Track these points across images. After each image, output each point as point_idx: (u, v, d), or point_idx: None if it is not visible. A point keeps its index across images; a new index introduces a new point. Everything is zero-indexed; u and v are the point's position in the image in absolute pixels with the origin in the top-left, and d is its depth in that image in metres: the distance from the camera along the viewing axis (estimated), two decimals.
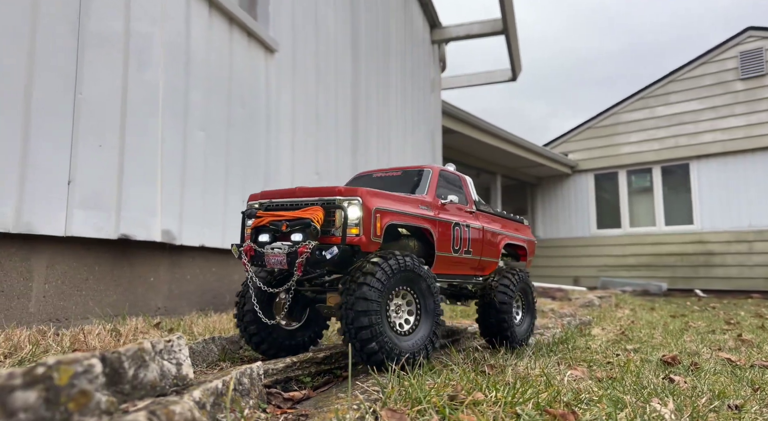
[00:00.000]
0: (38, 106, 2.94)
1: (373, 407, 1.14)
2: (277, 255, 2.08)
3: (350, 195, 2.09)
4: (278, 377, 1.76)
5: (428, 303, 2.16)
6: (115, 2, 3.45)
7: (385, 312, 1.95)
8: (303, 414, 1.19)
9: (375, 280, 1.92)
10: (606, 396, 1.41)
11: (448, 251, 2.56)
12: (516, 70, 10.80)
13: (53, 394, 0.76)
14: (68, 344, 2.08)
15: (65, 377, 0.79)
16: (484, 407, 1.21)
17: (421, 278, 2.13)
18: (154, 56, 3.73)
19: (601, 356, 2.59)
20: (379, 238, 2.10)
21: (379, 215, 2.10)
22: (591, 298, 6.46)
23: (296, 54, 5.58)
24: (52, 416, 0.75)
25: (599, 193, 13.26)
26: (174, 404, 0.83)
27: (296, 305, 2.55)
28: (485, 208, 3.12)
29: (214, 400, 0.98)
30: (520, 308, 3.11)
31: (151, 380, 0.95)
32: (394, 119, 8.29)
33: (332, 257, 1.95)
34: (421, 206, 2.46)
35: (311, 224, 2.05)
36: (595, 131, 13.22)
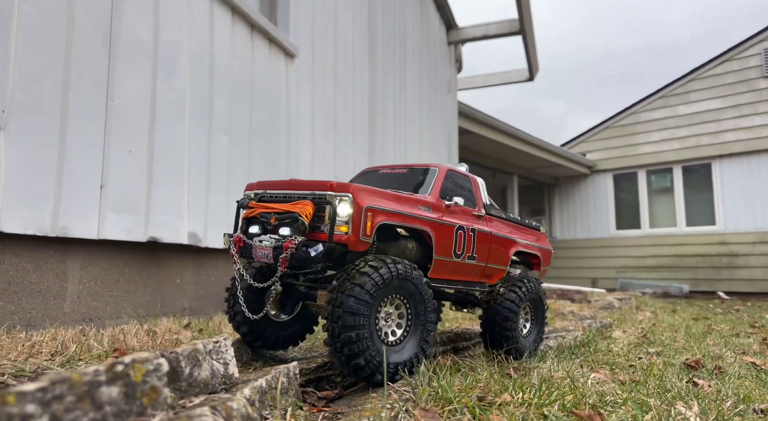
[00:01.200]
0: (73, 114, 3.07)
1: (406, 406, 1.19)
2: (263, 248, 2.02)
3: (341, 191, 2.00)
4: (311, 376, 1.83)
5: (419, 313, 2.08)
6: (145, 12, 3.56)
7: (374, 323, 1.88)
8: (339, 412, 1.25)
9: (364, 292, 1.82)
10: (631, 399, 1.44)
11: (448, 256, 2.45)
12: (533, 70, 10.75)
13: (131, 389, 0.84)
14: (108, 343, 2.18)
15: (139, 374, 0.86)
16: (511, 408, 1.25)
17: (414, 286, 2.04)
18: (181, 63, 3.84)
19: (624, 359, 2.60)
20: (368, 237, 2.00)
21: (371, 213, 2.01)
22: (611, 300, 6.41)
23: (315, 59, 5.66)
24: (130, 409, 0.82)
25: (618, 193, 13.09)
26: (230, 401, 0.89)
27: (288, 298, 2.48)
28: (497, 212, 3.01)
29: (259, 397, 1.04)
30: (529, 319, 2.98)
31: (204, 378, 1.01)
32: (411, 121, 8.33)
33: (317, 255, 1.87)
34: (421, 207, 2.35)
35: (299, 218, 1.99)
36: (613, 131, 13.06)
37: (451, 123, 9.99)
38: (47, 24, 2.93)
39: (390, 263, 1.95)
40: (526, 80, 11.08)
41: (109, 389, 0.80)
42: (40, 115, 2.89)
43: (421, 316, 2.07)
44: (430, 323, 2.10)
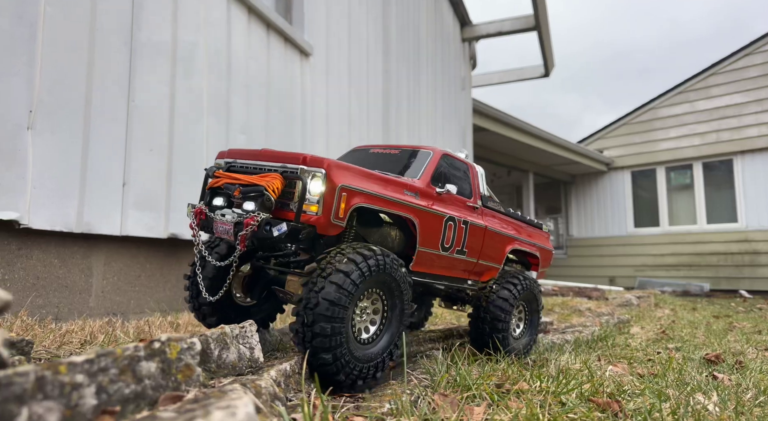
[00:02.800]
0: (96, 113, 3.15)
1: (425, 392, 1.21)
2: (224, 223, 1.84)
3: (315, 166, 1.81)
4: None
5: (396, 310, 1.91)
6: (164, 13, 3.64)
7: (350, 319, 1.70)
8: (360, 397, 1.28)
9: (349, 282, 1.64)
10: (649, 388, 1.44)
11: (434, 248, 2.25)
12: (548, 66, 10.65)
13: (167, 365, 0.88)
14: (133, 334, 2.25)
15: (174, 352, 0.91)
16: (529, 396, 1.26)
17: (396, 284, 1.88)
18: (199, 63, 3.91)
19: (642, 354, 2.58)
20: (341, 221, 1.81)
21: (346, 194, 1.81)
22: (629, 297, 6.33)
23: (330, 57, 5.70)
24: (166, 384, 0.87)
25: (636, 190, 12.90)
26: (259, 380, 0.93)
27: (257, 282, 2.29)
28: (495, 206, 2.80)
29: (284, 380, 1.08)
30: (523, 319, 2.75)
31: (231, 360, 1.05)
32: (425, 118, 8.33)
33: (280, 235, 1.70)
34: (407, 192, 2.15)
35: (265, 192, 1.81)
36: (631, 127, 12.87)
37: (465, 120, 9.96)
38: (71, 26, 3.01)
39: (380, 254, 1.79)
40: (541, 76, 10.99)
41: (148, 364, 0.85)
42: (65, 115, 2.98)
43: (396, 315, 1.91)
44: (404, 325, 1.94)
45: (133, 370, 0.81)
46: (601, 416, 1.15)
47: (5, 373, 0.61)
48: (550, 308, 5.10)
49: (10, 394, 0.60)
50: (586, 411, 1.15)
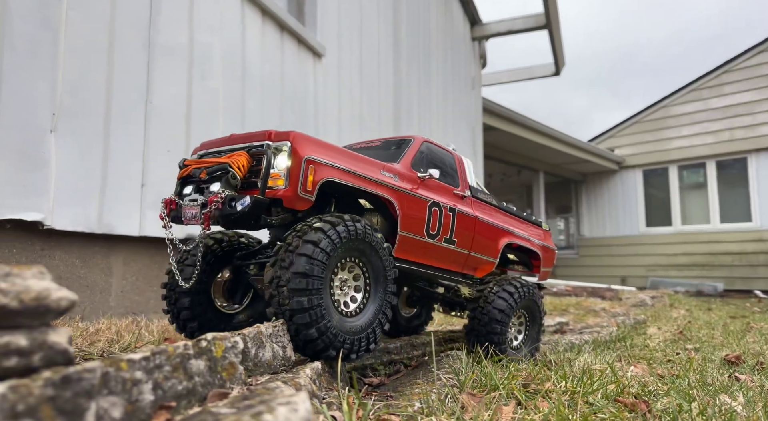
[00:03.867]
0: (115, 116, 3.20)
1: (452, 391, 1.23)
2: (192, 208, 1.79)
3: (280, 140, 1.77)
4: (356, 364, 1.88)
5: (379, 279, 1.82)
6: (180, 15, 3.68)
7: (329, 290, 1.62)
8: (388, 395, 1.30)
9: (318, 250, 1.56)
10: (674, 388, 1.44)
11: (419, 234, 2.15)
12: (559, 64, 10.60)
13: (213, 363, 0.91)
14: (157, 332, 2.29)
15: (219, 350, 0.93)
16: (554, 396, 1.27)
17: (372, 248, 1.78)
18: (214, 65, 3.95)
19: (661, 354, 2.57)
20: (310, 194, 1.75)
21: (313, 166, 1.75)
22: (643, 298, 6.29)
23: (342, 57, 5.73)
24: (213, 381, 0.89)
25: (648, 189, 12.79)
26: (297, 378, 0.95)
27: (237, 286, 2.20)
28: (486, 198, 2.69)
29: (317, 378, 1.10)
30: (523, 330, 2.59)
31: (267, 359, 1.08)
32: (435, 117, 8.33)
33: (244, 209, 1.65)
34: (385, 172, 2.07)
35: (229, 170, 1.76)
36: (643, 125, 12.75)
37: (475, 119, 9.94)
38: (92, 30, 3.06)
39: (348, 219, 1.71)
40: (552, 75, 10.93)
41: (197, 362, 0.87)
42: (86, 117, 3.03)
43: (380, 285, 1.82)
44: (390, 293, 1.85)
45: (185, 367, 0.84)
46: (630, 417, 1.16)
47: (75, 369, 0.64)
48: (564, 308, 5.08)
49: (80, 389, 0.63)
50: (615, 411, 1.15)
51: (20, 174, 2.69)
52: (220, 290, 2.15)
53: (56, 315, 0.65)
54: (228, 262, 2.17)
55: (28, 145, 2.73)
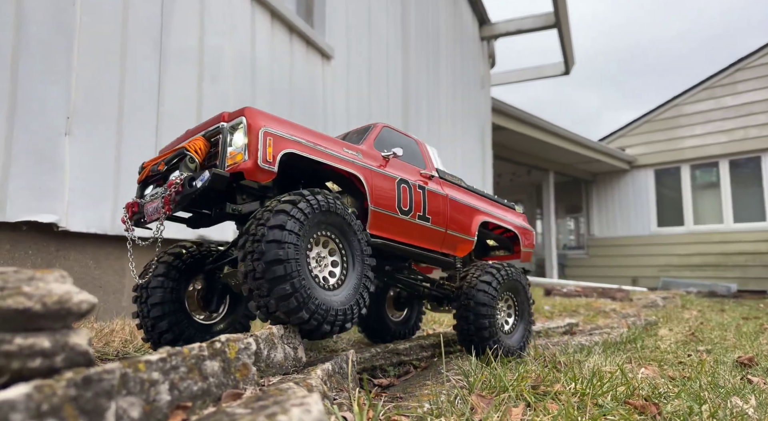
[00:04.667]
0: (128, 119, 3.25)
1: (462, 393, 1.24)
2: (153, 202, 1.75)
3: (235, 117, 1.77)
4: (365, 365, 1.90)
5: (354, 250, 1.79)
6: (191, 19, 3.73)
7: (306, 268, 1.58)
8: (398, 397, 1.31)
9: (291, 220, 1.53)
10: (685, 391, 1.43)
11: (390, 210, 2.15)
12: (569, 63, 10.53)
13: (227, 364, 0.93)
14: None
15: (233, 351, 0.96)
16: (563, 398, 1.28)
17: (341, 219, 1.76)
18: (225, 67, 3.99)
19: (672, 356, 2.55)
20: (271, 166, 1.72)
21: (272, 138, 1.74)
22: (654, 298, 6.23)
23: (350, 59, 5.75)
24: (227, 382, 0.92)
25: (660, 189, 12.66)
26: (309, 379, 0.97)
27: (212, 293, 2.12)
28: (455, 180, 2.71)
29: (327, 379, 1.12)
30: (512, 312, 2.55)
31: (279, 360, 1.10)
32: (444, 118, 8.32)
33: (204, 183, 1.61)
34: (347, 149, 2.07)
35: (186, 153, 1.74)
36: (654, 124, 12.62)
37: (484, 119, 9.91)
38: (105, 35, 3.11)
39: (308, 194, 1.67)
40: (561, 74, 10.87)
41: (212, 363, 0.89)
42: (99, 121, 3.08)
43: (357, 253, 1.80)
44: (368, 256, 1.83)
45: (200, 368, 0.86)
46: (640, 419, 1.16)
47: (96, 370, 0.66)
48: (574, 309, 5.05)
49: (101, 389, 0.65)
50: (625, 413, 1.15)
51: (36, 176, 2.75)
52: (194, 301, 2.09)
53: (77, 318, 0.68)
54: (199, 270, 2.11)
55: (43, 149, 2.78)
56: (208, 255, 2.13)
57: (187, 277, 2.05)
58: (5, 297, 0.59)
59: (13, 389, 0.54)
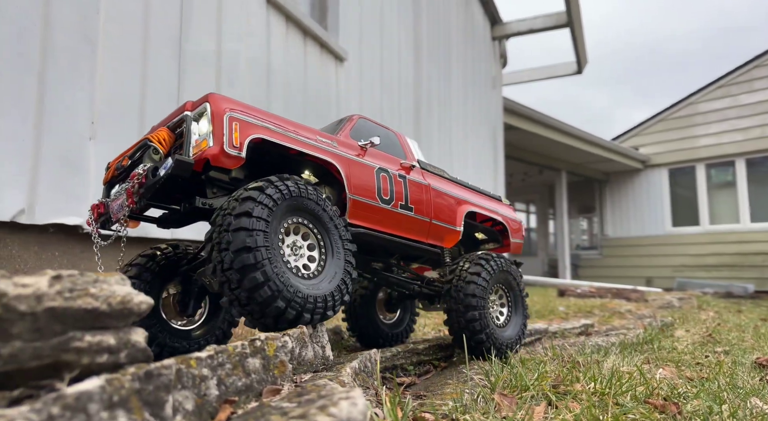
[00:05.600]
0: (149, 123, 3.33)
1: (484, 391, 1.27)
2: (117, 199, 1.70)
3: (198, 105, 1.71)
4: (386, 364, 1.94)
5: (332, 233, 1.71)
6: (209, 25, 3.80)
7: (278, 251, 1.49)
8: (421, 395, 1.35)
9: (259, 206, 1.45)
10: (703, 391, 1.45)
11: (370, 198, 2.08)
12: (581, 62, 10.47)
13: (266, 362, 0.98)
14: None
15: (272, 349, 1.00)
16: (584, 397, 1.30)
17: (317, 205, 1.68)
18: (241, 71, 4.06)
19: (690, 357, 2.55)
20: (238, 151, 1.64)
21: (238, 123, 1.67)
22: (669, 299, 6.18)
23: (363, 61, 5.80)
24: (266, 378, 0.96)
25: (674, 188, 12.52)
26: (341, 376, 1.01)
27: (189, 296, 2.03)
28: (437, 171, 2.65)
29: (355, 376, 1.16)
30: (505, 304, 2.46)
31: (309, 358, 1.14)
32: (455, 118, 8.34)
33: (167, 171, 1.53)
34: (321, 138, 2.00)
35: (150, 144, 1.68)
36: (669, 123, 12.49)
37: (496, 119, 9.90)
38: (127, 41, 3.20)
39: (276, 180, 1.59)
40: (574, 73, 10.81)
41: (253, 361, 0.94)
42: (122, 125, 3.16)
43: (335, 239, 1.71)
44: (348, 241, 1.76)
45: (243, 365, 0.91)
46: (661, 417, 1.18)
47: (155, 365, 0.71)
48: (589, 310, 5.04)
49: (160, 383, 0.70)
50: (645, 412, 1.18)
51: (62, 180, 2.83)
52: (172, 309, 2.00)
53: (137, 317, 0.72)
54: (174, 274, 2.02)
55: (68, 152, 2.86)
56: (183, 257, 2.04)
57: (161, 280, 1.97)
58: (75, 298, 0.64)
59: (89, 382, 0.59)
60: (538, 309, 4.82)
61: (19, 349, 0.58)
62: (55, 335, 0.61)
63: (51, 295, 0.60)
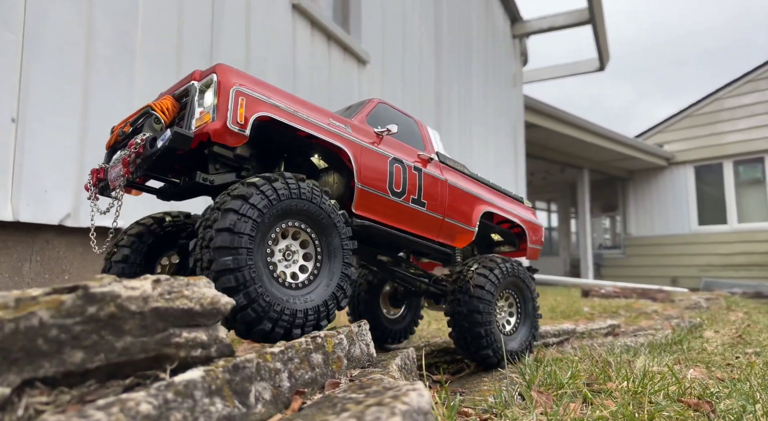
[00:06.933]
0: None
1: (522, 388, 1.32)
2: (116, 166, 1.62)
3: (206, 75, 1.62)
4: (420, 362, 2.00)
5: (331, 243, 1.59)
6: (238, 33, 3.92)
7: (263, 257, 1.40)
8: (459, 391, 1.41)
9: (242, 220, 1.34)
10: (737, 391, 1.47)
11: (380, 190, 1.96)
12: (604, 59, 10.34)
13: (326, 357, 1.06)
14: None
15: (330, 345, 1.08)
16: (617, 395, 1.34)
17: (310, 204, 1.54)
18: (269, 76, 4.17)
19: (720, 358, 2.55)
20: (242, 129, 1.55)
21: (244, 98, 1.57)
22: (696, 299, 6.09)
23: (385, 63, 5.87)
24: (326, 372, 1.04)
25: (700, 186, 12.26)
26: (390, 371, 1.08)
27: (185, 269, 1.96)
28: (457, 166, 2.51)
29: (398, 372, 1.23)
30: (515, 312, 2.32)
31: (357, 355, 1.21)
32: (476, 117, 8.34)
33: (165, 143, 1.45)
34: (334, 121, 1.89)
35: (152, 113, 1.61)
36: (694, 119, 12.23)
37: (516, 117, 9.86)
38: (162, 50, 3.33)
39: (262, 184, 1.45)
40: (596, 70, 10.69)
41: (317, 356, 1.02)
42: None
43: (333, 239, 1.59)
44: (348, 239, 1.64)
45: (308, 360, 0.99)
46: (695, 415, 1.21)
47: (240, 359, 0.79)
48: (614, 310, 5.02)
49: (245, 375, 0.78)
50: (680, 410, 1.21)
51: None
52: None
53: (222, 316, 0.80)
54: (173, 245, 1.94)
55: None
56: (183, 230, 1.95)
57: (158, 249, 1.90)
58: (174, 299, 0.72)
59: (191, 372, 0.67)
60: (563, 309, 4.82)
61: (130, 343, 0.67)
62: (158, 331, 0.69)
63: (155, 297, 0.68)
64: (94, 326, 0.61)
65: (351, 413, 0.63)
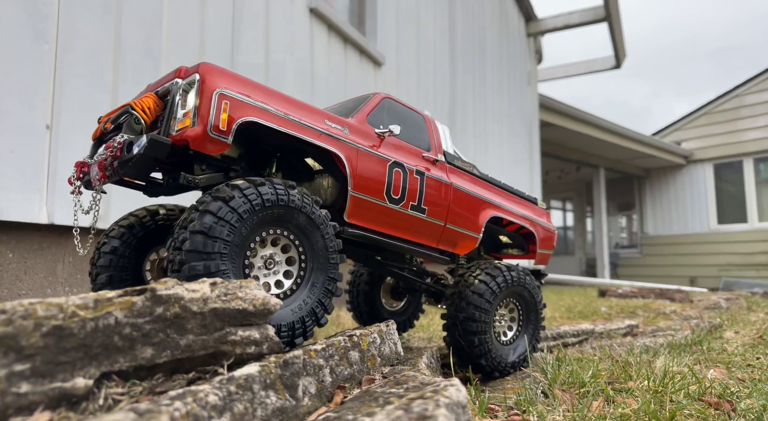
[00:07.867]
0: None
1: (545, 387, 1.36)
2: (93, 166, 1.56)
3: (189, 74, 1.52)
4: (444, 360, 2.05)
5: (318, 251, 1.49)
6: (258, 38, 4.00)
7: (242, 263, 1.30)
8: (484, 389, 1.45)
9: (227, 209, 1.28)
10: (757, 391, 1.49)
11: (376, 197, 1.85)
12: (620, 56, 10.24)
13: (362, 354, 1.12)
14: None
15: (365, 344, 1.14)
16: (638, 393, 1.37)
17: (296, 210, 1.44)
18: (287, 80, 4.25)
19: (740, 359, 2.55)
20: (224, 136, 1.45)
21: (228, 102, 1.47)
22: (716, 300, 6.02)
23: (399, 64, 5.91)
24: (362, 369, 1.11)
25: (719, 184, 12.06)
26: (420, 368, 1.14)
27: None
28: (466, 166, 2.38)
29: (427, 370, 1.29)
30: (516, 322, 2.21)
31: (387, 353, 1.27)
32: (491, 115, 8.34)
33: (140, 150, 1.36)
34: (330, 122, 1.78)
35: (132, 112, 1.52)
36: (713, 117, 12.03)
37: (531, 116, 9.82)
38: (185, 56, 3.42)
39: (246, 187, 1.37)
40: (612, 68, 10.59)
41: (354, 353, 1.08)
42: None
43: (319, 257, 1.48)
44: (336, 252, 1.53)
45: (347, 357, 1.05)
46: (716, 414, 1.24)
47: (288, 355, 0.85)
48: (632, 310, 5.00)
49: (294, 370, 0.84)
50: (701, 409, 1.24)
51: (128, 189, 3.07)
52: (154, 271, 1.84)
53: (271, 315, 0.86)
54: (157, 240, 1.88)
55: None
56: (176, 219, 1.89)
57: (148, 243, 1.83)
58: (229, 300, 0.78)
59: (249, 367, 0.74)
60: (580, 309, 4.82)
61: (192, 340, 0.73)
62: (216, 330, 0.75)
63: (213, 298, 0.74)
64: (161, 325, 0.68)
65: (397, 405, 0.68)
